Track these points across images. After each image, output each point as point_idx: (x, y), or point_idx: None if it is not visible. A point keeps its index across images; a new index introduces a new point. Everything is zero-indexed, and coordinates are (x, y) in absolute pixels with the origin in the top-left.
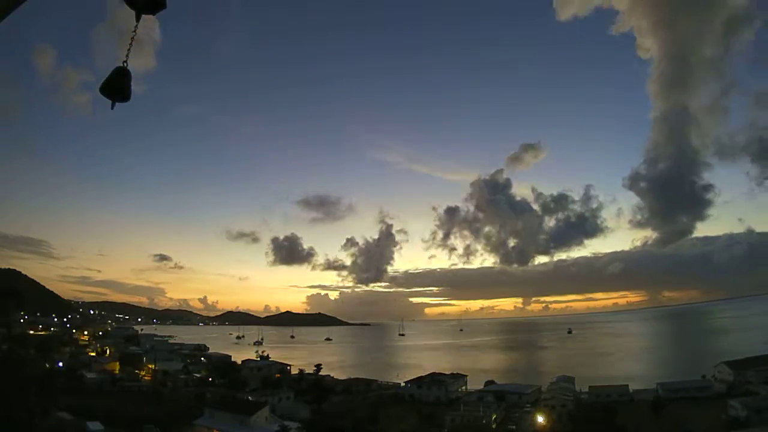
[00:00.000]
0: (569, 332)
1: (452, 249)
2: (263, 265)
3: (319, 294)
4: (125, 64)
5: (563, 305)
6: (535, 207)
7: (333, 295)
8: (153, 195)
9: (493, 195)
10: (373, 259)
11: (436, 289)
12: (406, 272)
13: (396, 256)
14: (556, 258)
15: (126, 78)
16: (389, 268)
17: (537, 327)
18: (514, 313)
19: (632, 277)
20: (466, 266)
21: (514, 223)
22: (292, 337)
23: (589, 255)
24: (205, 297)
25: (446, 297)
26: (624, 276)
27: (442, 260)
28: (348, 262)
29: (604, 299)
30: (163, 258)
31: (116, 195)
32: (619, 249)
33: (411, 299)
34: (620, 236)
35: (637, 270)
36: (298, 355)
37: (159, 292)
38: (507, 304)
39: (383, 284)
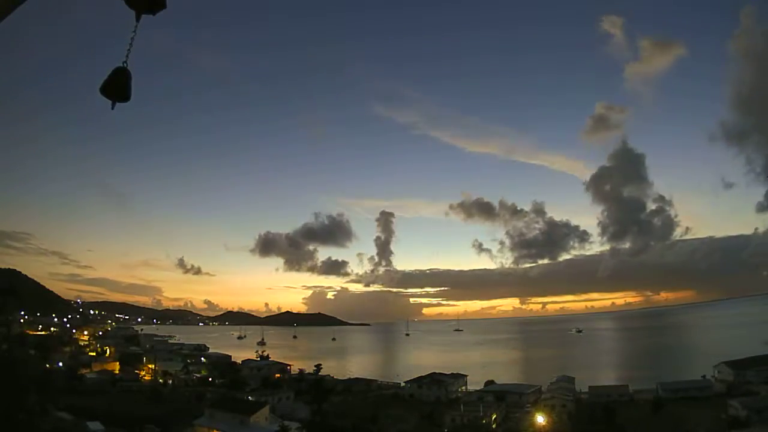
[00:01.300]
0: (578, 331)
1: (449, 250)
2: (263, 264)
3: (318, 294)
4: (125, 65)
5: (560, 306)
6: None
7: (331, 295)
8: (152, 196)
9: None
10: (372, 259)
11: (434, 289)
12: (404, 272)
13: (396, 255)
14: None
15: (126, 78)
16: (387, 269)
17: (539, 326)
18: (513, 314)
19: (628, 278)
20: (464, 267)
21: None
22: (295, 337)
23: (583, 256)
24: (207, 298)
25: (444, 297)
26: (620, 277)
27: (441, 260)
28: (347, 262)
29: (600, 299)
30: (166, 258)
31: (108, 191)
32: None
33: (410, 300)
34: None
35: (633, 271)
36: (305, 356)
37: (156, 291)
38: (505, 304)
39: (381, 285)
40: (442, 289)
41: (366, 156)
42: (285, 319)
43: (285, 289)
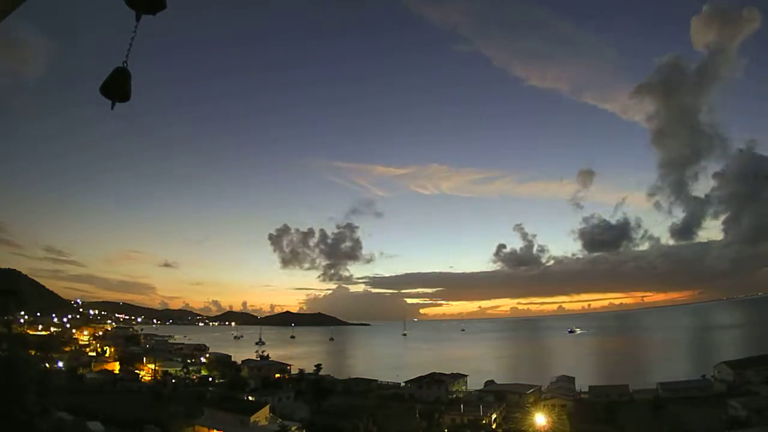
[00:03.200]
0: (570, 332)
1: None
2: (263, 264)
3: (317, 294)
4: (125, 65)
5: (556, 306)
6: None
7: (330, 295)
8: (139, 192)
9: None
10: (370, 260)
11: (432, 290)
12: (402, 274)
13: (395, 256)
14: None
15: (126, 78)
16: (386, 270)
17: (540, 326)
18: (511, 314)
19: (621, 279)
20: (454, 270)
21: None
22: (293, 337)
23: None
24: (204, 295)
25: (440, 298)
26: (615, 278)
27: (439, 262)
28: (348, 263)
29: (597, 300)
30: (165, 259)
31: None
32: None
33: (406, 300)
34: None
35: (625, 273)
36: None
37: (151, 289)
38: (502, 305)
39: (380, 286)
40: (439, 289)
41: (380, 102)
42: (285, 319)
43: (285, 289)
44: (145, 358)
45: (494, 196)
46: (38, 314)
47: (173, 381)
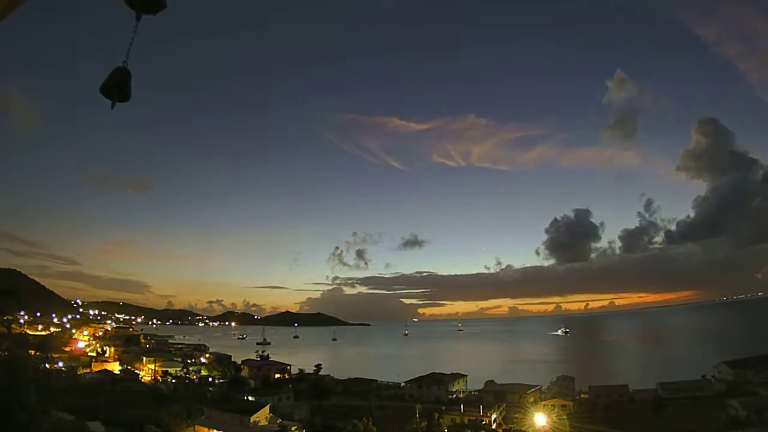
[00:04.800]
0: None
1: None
2: (263, 265)
3: (317, 294)
4: (125, 65)
5: (552, 306)
6: None
7: (329, 296)
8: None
9: None
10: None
11: (429, 290)
12: (401, 274)
13: (393, 258)
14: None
15: (126, 78)
16: (378, 270)
17: (532, 326)
18: (509, 314)
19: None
20: (443, 272)
21: None
22: (296, 337)
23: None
24: (212, 298)
25: (437, 299)
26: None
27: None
28: (340, 263)
29: (597, 300)
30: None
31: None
32: None
33: (404, 300)
34: None
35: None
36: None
37: (148, 289)
38: (501, 305)
39: (373, 286)
40: (436, 290)
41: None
42: (285, 319)
43: (285, 289)
44: (145, 358)
45: (531, 169)
46: (38, 314)
47: (173, 381)
